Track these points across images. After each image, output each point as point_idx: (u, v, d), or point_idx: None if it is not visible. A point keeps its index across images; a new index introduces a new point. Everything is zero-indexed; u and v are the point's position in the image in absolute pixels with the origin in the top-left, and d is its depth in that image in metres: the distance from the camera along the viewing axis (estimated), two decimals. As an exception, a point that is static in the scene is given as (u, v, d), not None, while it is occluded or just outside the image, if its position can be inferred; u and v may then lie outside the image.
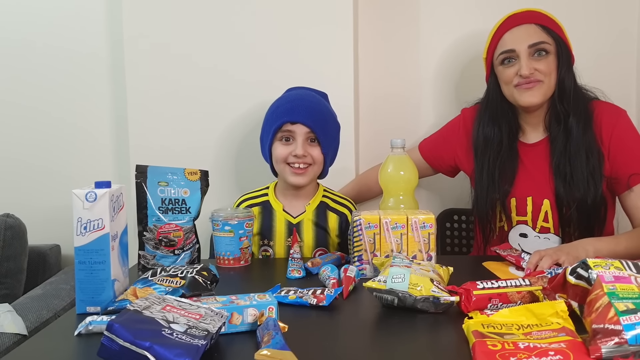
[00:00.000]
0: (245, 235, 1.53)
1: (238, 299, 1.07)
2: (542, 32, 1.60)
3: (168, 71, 1.98)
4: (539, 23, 1.61)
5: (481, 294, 1.10)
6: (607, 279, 0.95)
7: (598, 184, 1.58)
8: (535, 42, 1.58)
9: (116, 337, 0.86)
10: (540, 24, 1.61)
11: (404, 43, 2.09)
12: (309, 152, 1.62)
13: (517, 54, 1.59)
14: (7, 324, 1.47)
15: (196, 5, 1.95)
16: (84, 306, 1.16)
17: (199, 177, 1.52)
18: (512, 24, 1.62)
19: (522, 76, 1.58)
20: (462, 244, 2.06)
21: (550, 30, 1.60)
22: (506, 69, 1.62)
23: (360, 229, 1.38)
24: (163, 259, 1.48)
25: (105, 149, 2.14)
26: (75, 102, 2.14)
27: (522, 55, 1.58)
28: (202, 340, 0.89)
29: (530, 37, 1.59)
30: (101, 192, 1.15)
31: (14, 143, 2.16)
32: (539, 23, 1.61)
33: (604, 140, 1.60)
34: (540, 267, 1.33)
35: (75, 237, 1.15)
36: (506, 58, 1.62)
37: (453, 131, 1.82)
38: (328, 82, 1.87)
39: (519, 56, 1.59)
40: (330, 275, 1.32)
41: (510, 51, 1.60)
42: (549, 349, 0.87)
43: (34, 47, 2.13)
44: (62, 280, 1.85)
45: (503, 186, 1.65)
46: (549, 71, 1.59)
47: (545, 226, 1.64)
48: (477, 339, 0.92)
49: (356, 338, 1.05)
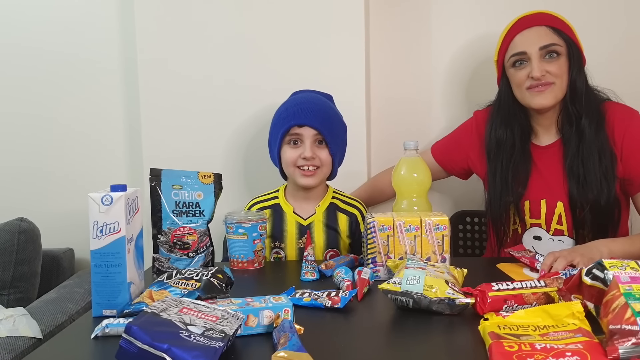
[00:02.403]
0: (258, 237, 1.53)
1: (253, 301, 1.07)
2: (553, 34, 1.59)
3: (179, 78, 1.99)
4: (550, 25, 1.60)
5: (496, 296, 1.10)
6: (623, 279, 0.95)
7: (611, 186, 1.57)
8: (546, 44, 1.58)
9: (134, 339, 0.86)
10: (551, 25, 1.60)
11: (414, 46, 2.09)
12: (317, 155, 1.62)
13: (528, 56, 1.59)
14: (23, 327, 1.47)
15: (207, 15, 1.97)
16: (100, 309, 1.17)
17: (213, 180, 1.53)
18: (523, 26, 1.62)
19: (534, 78, 1.58)
20: (474, 246, 2.06)
21: (561, 32, 1.60)
22: (517, 72, 1.62)
23: (374, 231, 1.38)
24: (177, 262, 1.49)
25: (118, 153, 2.16)
26: (88, 108, 2.15)
27: (533, 57, 1.58)
28: (220, 342, 0.89)
29: (541, 39, 1.59)
30: (117, 195, 1.16)
31: (28, 148, 2.18)
32: (550, 25, 1.60)
33: (617, 141, 1.59)
34: (554, 269, 1.33)
35: (91, 240, 1.16)
36: (517, 60, 1.62)
37: (465, 133, 1.82)
38: (339, 86, 1.87)
39: (530, 58, 1.59)
40: (344, 277, 1.32)
41: (521, 53, 1.60)
42: (566, 349, 0.87)
43: (47, 56, 2.15)
44: (76, 284, 1.86)
45: (516, 189, 1.65)
46: (560, 73, 1.59)
47: (559, 229, 1.64)
48: (494, 340, 0.92)
49: (372, 340, 1.05)
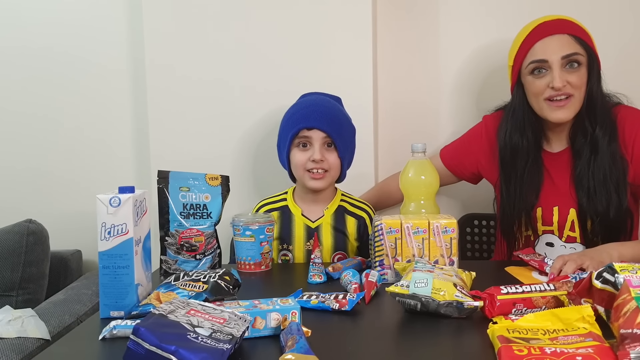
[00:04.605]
0: (266, 240, 1.53)
1: (261, 303, 1.07)
2: (575, 43, 1.54)
3: (187, 80, 1.99)
4: (572, 34, 1.55)
5: (505, 299, 1.09)
6: (634, 283, 0.94)
7: (622, 198, 1.55)
8: (568, 54, 1.52)
9: (142, 341, 0.86)
10: (574, 34, 1.54)
11: (422, 49, 2.08)
12: (326, 158, 1.62)
13: (549, 64, 1.53)
14: (31, 328, 1.48)
15: (215, 18, 1.96)
16: (108, 310, 1.17)
17: (220, 183, 1.53)
18: (545, 33, 1.56)
19: (554, 88, 1.52)
20: (482, 249, 2.05)
21: (583, 42, 1.54)
22: (536, 80, 1.56)
23: (382, 233, 1.37)
24: (185, 264, 1.49)
25: (127, 156, 2.16)
26: (96, 110, 2.16)
27: (555, 66, 1.52)
28: (227, 344, 0.89)
29: (564, 48, 1.53)
30: (125, 197, 1.16)
31: (37, 150, 2.19)
32: (572, 34, 1.55)
33: (628, 145, 1.57)
34: (564, 272, 1.32)
35: (99, 241, 1.16)
36: (536, 68, 1.55)
37: (475, 138, 1.80)
38: (347, 88, 1.87)
39: (551, 67, 1.53)
40: (352, 280, 1.31)
41: (542, 61, 1.54)
42: (576, 354, 0.86)
43: (56, 58, 2.15)
44: (84, 286, 1.87)
45: (529, 197, 1.62)
46: (580, 84, 1.54)
47: (572, 235, 1.62)
48: (503, 344, 0.91)
49: (379, 343, 1.05)
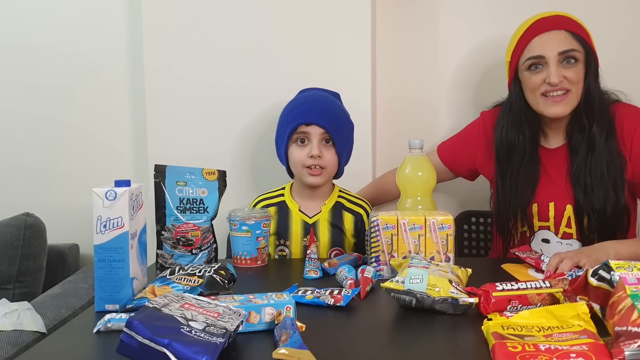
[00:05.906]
0: (262, 235, 1.53)
1: (256, 298, 1.07)
2: (572, 39, 1.54)
3: (186, 78, 1.99)
4: (570, 29, 1.55)
5: (500, 296, 1.09)
6: (630, 280, 0.93)
7: (620, 195, 1.55)
8: (565, 50, 1.53)
9: (135, 334, 0.86)
10: (571, 30, 1.55)
11: (421, 45, 2.08)
12: (324, 154, 1.62)
13: (546, 60, 1.54)
14: (27, 321, 1.48)
15: (213, 15, 1.96)
16: (103, 304, 1.17)
17: (217, 177, 1.53)
18: (542, 29, 1.56)
19: (551, 84, 1.53)
20: (479, 247, 2.05)
21: (580, 38, 1.55)
22: (533, 75, 1.57)
23: (378, 229, 1.37)
24: (181, 258, 1.49)
25: (124, 152, 2.15)
26: (95, 107, 2.15)
27: (552, 62, 1.53)
28: (221, 338, 0.89)
29: (561, 44, 1.53)
30: (121, 190, 1.16)
31: (35, 146, 2.18)
32: (570, 29, 1.55)
33: (626, 142, 1.57)
34: (560, 270, 1.31)
35: (94, 235, 1.16)
36: (533, 64, 1.56)
37: (472, 134, 1.80)
38: (345, 85, 1.86)
39: (548, 63, 1.53)
40: (348, 275, 1.31)
41: (538, 57, 1.55)
42: (571, 351, 0.86)
43: (54, 56, 2.14)
44: (81, 279, 1.87)
45: (525, 193, 1.62)
46: (577, 80, 1.54)
47: (568, 232, 1.62)
48: (497, 340, 0.91)
49: (374, 338, 1.04)
